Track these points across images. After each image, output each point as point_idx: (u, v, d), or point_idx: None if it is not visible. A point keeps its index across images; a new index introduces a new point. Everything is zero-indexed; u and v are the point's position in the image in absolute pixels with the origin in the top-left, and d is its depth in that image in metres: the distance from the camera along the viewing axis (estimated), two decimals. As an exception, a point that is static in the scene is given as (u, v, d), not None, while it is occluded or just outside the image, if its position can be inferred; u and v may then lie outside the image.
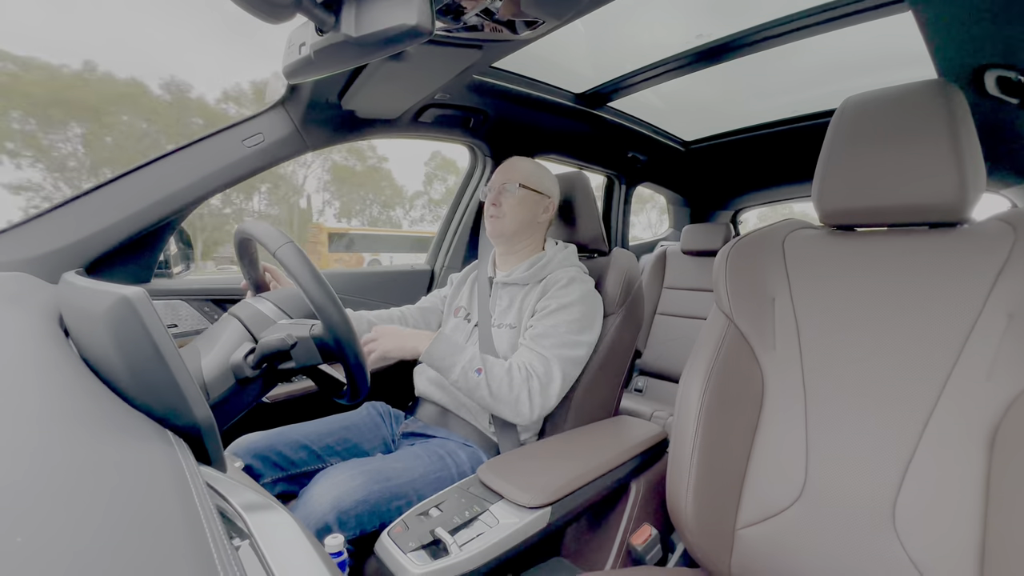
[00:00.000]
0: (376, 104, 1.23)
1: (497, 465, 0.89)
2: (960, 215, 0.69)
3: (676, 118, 1.94)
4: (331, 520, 0.80)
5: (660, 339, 2.24)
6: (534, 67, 1.40)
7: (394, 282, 1.64)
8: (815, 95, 1.63)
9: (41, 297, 0.70)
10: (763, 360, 0.81)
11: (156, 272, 1.18)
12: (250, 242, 0.88)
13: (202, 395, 0.42)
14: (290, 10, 0.51)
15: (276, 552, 0.33)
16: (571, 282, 1.09)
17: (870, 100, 0.75)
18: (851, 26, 1.13)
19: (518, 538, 0.78)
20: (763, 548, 0.75)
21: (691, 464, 0.76)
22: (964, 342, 0.65)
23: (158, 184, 1.08)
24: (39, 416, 0.34)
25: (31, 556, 0.21)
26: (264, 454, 0.99)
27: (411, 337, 1.02)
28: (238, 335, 0.74)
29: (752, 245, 0.85)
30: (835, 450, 0.72)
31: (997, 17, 0.76)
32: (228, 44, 34.65)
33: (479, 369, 0.99)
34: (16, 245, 0.96)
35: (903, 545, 0.64)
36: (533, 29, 0.91)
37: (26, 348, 0.47)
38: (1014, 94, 0.97)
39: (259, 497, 0.41)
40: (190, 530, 0.27)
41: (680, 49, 1.33)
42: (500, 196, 1.17)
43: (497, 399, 0.98)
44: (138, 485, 0.30)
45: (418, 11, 0.51)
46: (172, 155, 1.11)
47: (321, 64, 0.63)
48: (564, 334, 1.05)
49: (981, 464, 0.61)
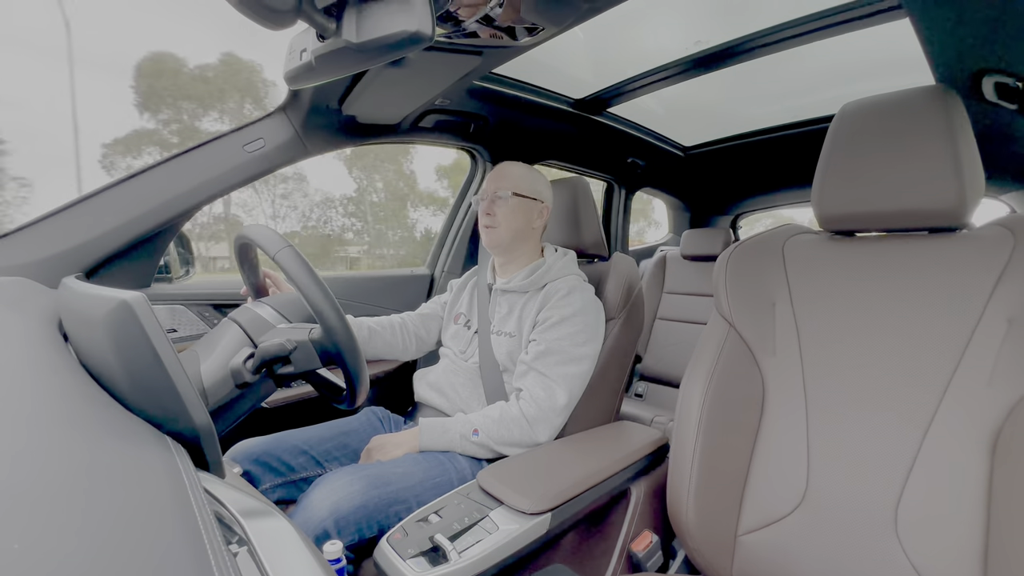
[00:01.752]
0: (377, 110, 1.24)
1: (497, 471, 0.89)
2: (959, 220, 0.69)
3: (675, 124, 1.95)
4: (329, 526, 0.79)
5: (660, 344, 2.23)
6: (534, 73, 1.41)
7: (394, 287, 1.64)
8: (814, 101, 1.64)
9: (41, 302, 0.70)
10: (763, 365, 0.80)
11: (156, 277, 1.18)
12: (250, 247, 0.88)
13: (201, 400, 0.42)
14: (291, 16, 0.51)
15: (274, 559, 0.33)
16: (571, 292, 1.09)
17: (868, 106, 0.75)
18: (849, 32, 1.13)
19: (518, 544, 0.77)
20: (764, 554, 0.75)
21: (692, 470, 0.76)
22: (964, 347, 0.65)
23: (159, 189, 1.08)
24: (38, 421, 0.34)
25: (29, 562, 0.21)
26: (263, 460, 0.98)
27: (403, 436, 1.03)
28: (237, 340, 0.74)
29: (752, 250, 0.85)
30: (836, 455, 0.72)
31: (995, 23, 0.77)
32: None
33: (475, 431, 1.01)
34: (16, 249, 0.97)
35: (905, 550, 0.64)
36: (533, 35, 0.92)
37: (25, 353, 0.47)
38: (1012, 100, 0.98)
39: (257, 503, 0.41)
40: (188, 536, 0.27)
41: (679, 55, 1.33)
42: (493, 205, 1.15)
43: (508, 444, 1.00)
44: (136, 491, 0.29)
45: (419, 18, 0.51)
46: (173, 160, 1.11)
47: (322, 70, 0.63)
48: (568, 348, 1.04)
49: (983, 469, 0.61)
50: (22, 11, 52.00)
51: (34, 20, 51.95)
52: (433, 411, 1.16)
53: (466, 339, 1.20)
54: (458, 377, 1.15)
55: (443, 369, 1.20)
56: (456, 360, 1.18)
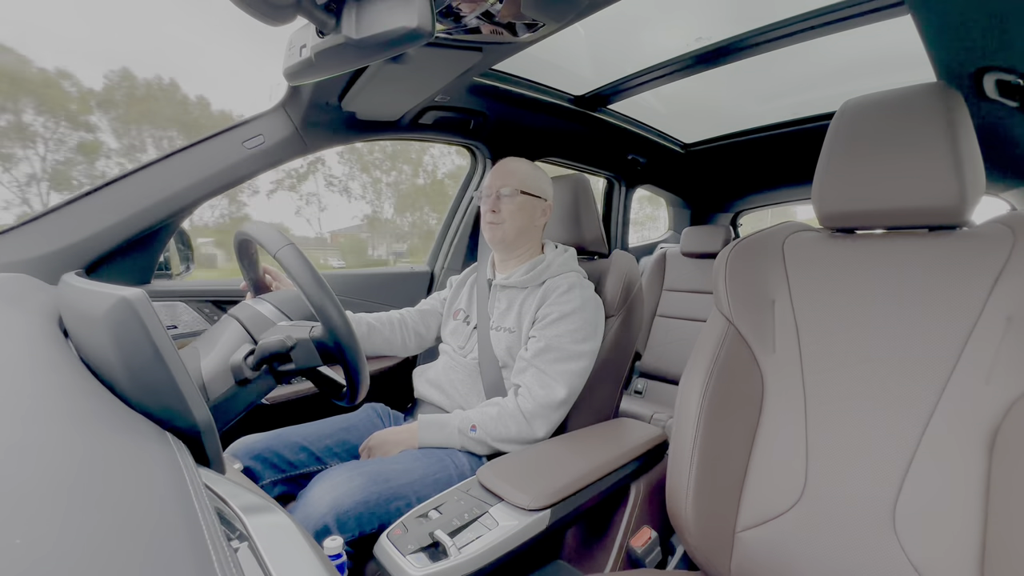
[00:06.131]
0: (376, 106, 1.24)
1: (497, 467, 0.89)
2: (959, 218, 0.69)
3: (676, 120, 1.94)
4: (330, 522, 0.79)
5: (660, 341, 2.24)
6: (534, 69, 1.40)
7: (394, 284, 1.64)
8: (815, 98, 1.64)
9: (41, 298, 0.70)
10: (763, 362, 0.81)
11: (156, 273, 1.18)
12: (250, 244, 0.88)
13: (201, 396, 0.42)
14: (291, 12, 0.51)
15: (275, 554, 0.33)
16: (571, 288, 1.09)
17: (869, 103, 0.75)
18: (850, 29, 1.13)
19: (518, 540, 0.77)
20: (763, 551, 0.75)
21: (691, 466, 0.76)
22: (963, 345, 0.65)
23: (158, 185, 1.08)
24: (38, 417, 0.34)
25: (31, 557, 0.21)
26: (263, 455, 0.98)
27: (402, 433, 1.03)
28: (238, 336, 0.74)
29: (752, 247, 0.85)
30: (835, 453, 0.72)
31: (996, 20, 0.76)
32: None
33: (473, 427, 1.01)
34: (16, 246, 0.97)
35: (903, 548, 0.64)
36: (533, 32, 0.91)
37: (25, 349, 0.47)
38: (1014, 97, 0.97)
39: (258, 499, 0.41)
40: (189, 532, 0.27)
41: (680, 52, 1.33)
42: (498, 202, 1.15)
43: (505, 440, 1.00)
44: (137, 486, 0.30)
45: (419, 13, 0.51)
46: (173, 156, 1.11)
47: (322, 66, 0.63)
48: (567, 345, 1.05)
49: (981, 467, 0.61)
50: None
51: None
52: (432, 407, 1.16)
53: (465, 335, 1.20)
54: (457, 373, 1.16)
55: (442, 365, 1.20)
56: (455, 356, 1.19)
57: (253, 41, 71.12)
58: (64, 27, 64.00)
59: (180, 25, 67.51)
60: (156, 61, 64.40)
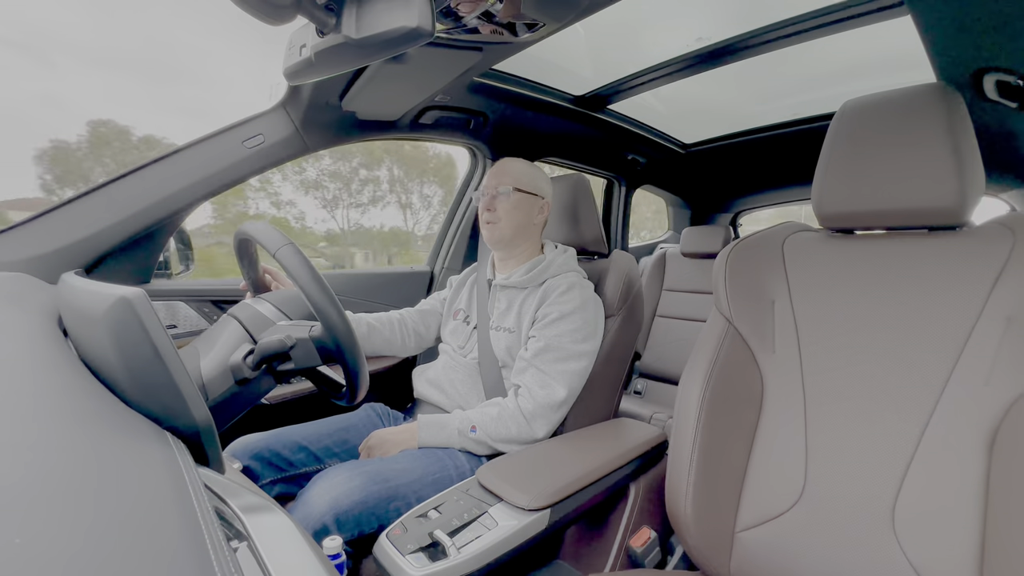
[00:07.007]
0: (377, 106, 1.24)
1: (496, 467, 0.89)
2: (959, 218, 0.69)
3: (676, 121, 1.94)
4: (329, 521, 0.79)
5: (659, 341, 2.24)
6: (534, 69, 1.40)
7: (394, 284, 1.64)
8: (814, 98, 1.64)
9: (40, 297, 0.70)
10: (762, 363, 0.81)
11: (156, 273, 1.18)
12: (250, 243, 0.88)
13: (201, 396, 0.42)
14: (291, 11, 0.51)
15: (274, 554, 0.33)
16: (571, 288, 1.09)
17: (869, 103, 0.75)
18: (851, 29, 1.13)
19: (517, 540, 0.77)
20: (762, 551, 0.75)
21: (690, 466, 0.76)
22: (963, 345, 0.65)
23: (158, 185, 1.08)
24: (38, 416, 0.34)
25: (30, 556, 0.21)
26: (262, 455, 0.98)
27: (402, 433, 1.03)
28: (237, 336, 0.74)
29: (752, 248, 0.85)
30: (834, 453, 0.72)
31: (996, 20, 0.76)
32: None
33: (473, 427, 1.01)
34: (16, 245, 0.96)
35: (902, 548, 0.64)
36: (533, 32, 0.91)
37: (25, 348, 0.47)
38: (1013, 98, 0.98)
39: (257, 498, 0.41)
40: (188, 531, 0.27)
41: (680, 52, 1.33)
42: (494, 201, 1.15)
43: (505, 440, 1.00)
44: (136, 486, 0.30)
45: (419, 13, 0.51)
46: (172, 156, 1.11)
47: (322, 66, 0.63)
48: (567, 344, 1.05)
49: (980, 467, 0.61)
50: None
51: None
52: (432, 407, 1.16)
53: (465, 335, 1.20)
54: (457, 373, 1.16)
55: (442, 365, 1.20)
56: (455, 356, 1.19)
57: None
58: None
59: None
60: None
